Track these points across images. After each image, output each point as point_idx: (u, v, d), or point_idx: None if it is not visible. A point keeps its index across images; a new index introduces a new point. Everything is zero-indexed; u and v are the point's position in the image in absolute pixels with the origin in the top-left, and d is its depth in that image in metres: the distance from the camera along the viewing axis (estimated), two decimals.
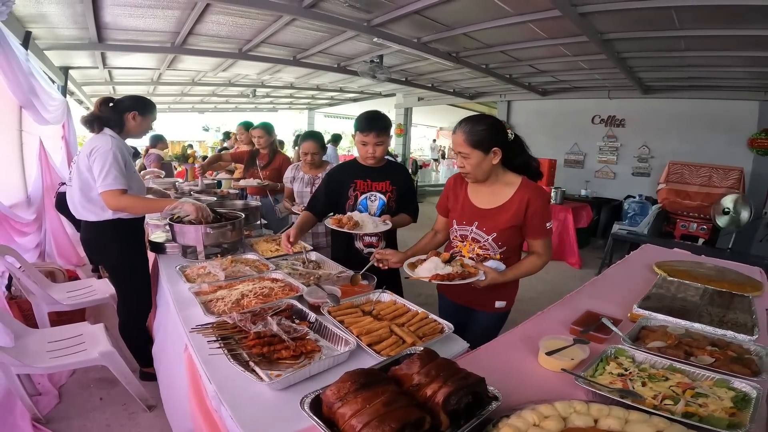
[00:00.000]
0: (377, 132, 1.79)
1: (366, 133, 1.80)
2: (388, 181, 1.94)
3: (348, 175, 1.94)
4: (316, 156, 2.58)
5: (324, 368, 0.97)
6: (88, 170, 1.84)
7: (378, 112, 1.87)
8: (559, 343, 1.07)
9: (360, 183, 1.92)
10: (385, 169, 1.95)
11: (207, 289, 1.47)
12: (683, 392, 0.90)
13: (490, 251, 1.51)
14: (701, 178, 4.93)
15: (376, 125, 1.80)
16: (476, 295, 1.54)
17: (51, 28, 3.65)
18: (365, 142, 1.82)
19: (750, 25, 3.09)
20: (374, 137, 1.79)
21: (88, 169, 1.83)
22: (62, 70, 4.98)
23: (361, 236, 1.91)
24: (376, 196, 1.92)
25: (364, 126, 1.80)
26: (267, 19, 3.73)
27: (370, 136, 1.79)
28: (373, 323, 1.15)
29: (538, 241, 1.49)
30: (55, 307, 2.31)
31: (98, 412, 1.99)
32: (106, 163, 1.78)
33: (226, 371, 0.95)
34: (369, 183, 1.92)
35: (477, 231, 1.51)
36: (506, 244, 1.50)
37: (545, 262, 1.51)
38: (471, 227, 1.52)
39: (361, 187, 1.91)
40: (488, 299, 1.58)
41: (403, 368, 0.79)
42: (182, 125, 13.95)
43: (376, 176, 1.93)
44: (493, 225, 1.48)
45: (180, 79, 6.97)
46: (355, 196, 1.91)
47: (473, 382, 0.76)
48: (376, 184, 1.92)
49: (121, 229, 1.98)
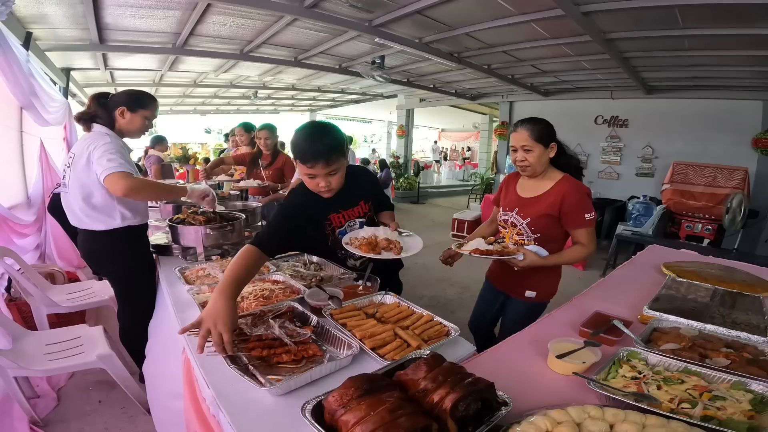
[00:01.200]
0: (326, 160, 1.28)
1: (311, 164, 1.28)
2: (361, 201, 1.56)
3: (316, 206, 1.48)
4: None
5: (326, 373, 0.94)
6: (88, 171, 1.73)
7: (323, 127, 1.35)
8: (569, 345, 1.03)
9: (335, 218, 1.53)
10: (350, 187, 1.48)
11: (206, 290, 1.45)
12: (700, 395, 0.87)
13: (525, 236, 1.65)
14: (706, 179, 4.90)
15: (323, 151, 1.27)
16: (512, 282, 1.72)
17: (52, 29, 3.65)
18: (312, 174, 1.31)
19: (754, 24, 3.06)
20: (322, 167, 1.28)
21: (88, 171, 1.73)
22: (64, 71, 4.98)
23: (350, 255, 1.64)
24: (355, 222, 1.57)
25: (306, 154, 1.27)
26: (268, 20, 3.72)
27: (317, 167, 1.28)
28: (377, 326, 1.11)
29: (579, 231, 1.61)
30: (55, 309, 2.29)
31: (97, 415, 1.96)
32: (107, 151, 1.66)
33: (225, 375, 0.92)
34: (343, 214, 1.54)
35: (515, 216, 1.69)
36: (540, 231, 1.63)
37: (590, 251, 1.63)
38: (512, 213, 1.70)
39: (337, 222, 1.55)
40: (521, 286, 1.71)
41: (408, 373, 0.75)
42: (184, 127, 13.98)
43: (347, 201, 1.53)
44: (529, 211, 1.64)
45: (181, 80, 6.98)
46: (333, 230, 1.56)
47: (482, 388, 0.73)
48: (350, 212, 1.55)
49: (130, 237, 1.90)
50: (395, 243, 1.40)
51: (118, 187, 1.63)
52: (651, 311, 1.33)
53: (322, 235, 1.58)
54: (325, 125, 1.36)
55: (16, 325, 1.97)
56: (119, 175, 1.62)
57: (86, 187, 1.76)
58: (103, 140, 1.72)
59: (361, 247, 1.37)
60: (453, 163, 15.85)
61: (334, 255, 1.74)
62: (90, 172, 1.74)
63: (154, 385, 1.70)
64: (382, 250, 1.36)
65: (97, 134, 1.78)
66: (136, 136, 1.95)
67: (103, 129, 1.81)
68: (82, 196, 1.77)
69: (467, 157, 17.35)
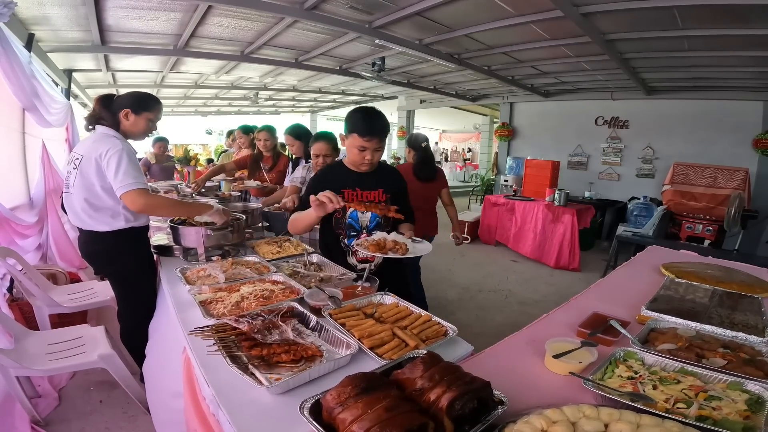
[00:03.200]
0: (381, 137, 1.55)
1: (368, 138, 1.52)
2: (380, 189, 1.68)
3: (335, 182, 1.62)
4: (328, 158, 2.32)
5: (324, 372, 0.95)
6: (96, 176, 1.73)
7: (378, 110, 1.60)
8: (566, 345, 1.04)
9: (348, 193, 1.63)
10: (376, 175, 1.69)
11: (207, 291, 1.45)
12: (696, 395, 0.87)
13: None
14: (706, 179, 4.89)
15: (380, 129, 1.55)
16: None
17: (54, 31, 3.67)
18: (364, 147, 1.55)
19: (754, 24, 3.07)
20: (377, 143, 1.55)
21: (96, 175, 1.73)
22: (66, 72, 5.01)
23: (353, 251, 1.71)
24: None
25: (366, 129, 1.53)
26: (268, 21, 3.74)
27: (373, 141, 1.54)
28: (375, 326, 1.12)
29: None
30: (56, 310, 2.30)
31: (98, 415, 1.97)
32: (121, 162, 1.68)
33: (225, 375, 0.93)
34: (359, 192, 1.64)
35: None
36: None
37: None
38: None
39: (350, 198, 1.63)
40: None
41: (405, 372, 0.76)
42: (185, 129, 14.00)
43: (368, 184, 1.66)
44: None
45: (183, 81, 7.00)
46: (343, 208, 1.62)
47: (478, 387, 0.74)
48: (367, 194, 1.65)
49: (133, 238, 1.91)
50: (402, 245, 1.47)
51: (137, 205, 1.70)
52: (649, 312, 1.34)
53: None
54: (380, 111, 1.60)
55: (18, 325, 1.99)
56: (137, 192, 1.69)
57: (92, 188, 1.77)
58: (114, 147, 1.72)
59: (370, 247, 1.47)
60: (454, 165, 15.86)
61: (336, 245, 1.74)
62: (99, 175, 1.75)
63: (154, 384, 1.71)
64: (389, 251, 1.45)
65: (105, 137, 1.79)
66: (140, 138, 1.97)
67: (109, 131, 1.82)
68: (86, 198, 1.78)
69: (468, 159, 17.35)
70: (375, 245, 1.47)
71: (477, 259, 5.43)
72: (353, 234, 1.72)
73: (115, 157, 1.70)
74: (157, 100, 1.97)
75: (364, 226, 1.71)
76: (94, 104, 1.86)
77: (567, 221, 5.08)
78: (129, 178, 1.68)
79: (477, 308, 3.72)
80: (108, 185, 1.76)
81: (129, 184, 1.68)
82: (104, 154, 1.71)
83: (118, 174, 1.68)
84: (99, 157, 1.72)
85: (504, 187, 6.98)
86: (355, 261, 1.74)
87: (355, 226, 1.72)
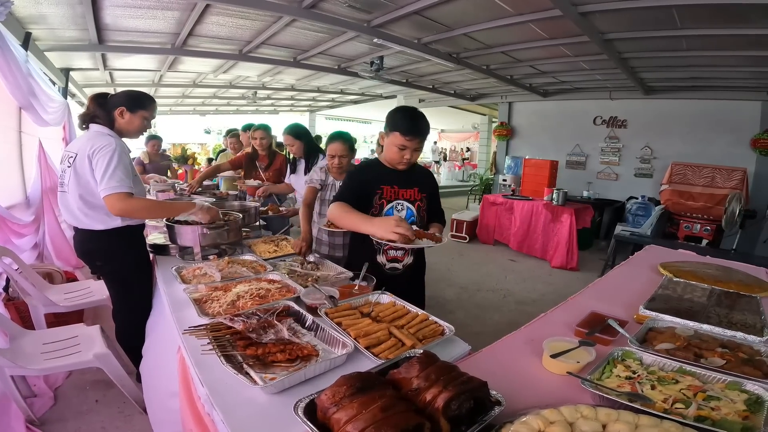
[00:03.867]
0: (421, 138, 1.55)
1: (410, 137, 1.52)
2: (416, 188, 1.69)
3: (373, 179, 1.65)
4: (344, 159, 2.21)
5: (320, 371, 0.94)
6: (91, 174, 1.72)
7: (421, 111, 1.59)
8: (563, 345, 1.03)
9: (387, 190, 1.65)
10: (412, 174, 1.70)
11: (202, 290, 1.44)
12: (694, 395, 0.87)
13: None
14: (704, 179, 4.90)
15: (422, 130, 1.55)
16: None
17: (51, 29, 3.65)
18: (404, 145, 1.54)
19: (752, 24, 3.07)
20: (417, 143, 1.55)
21: (90, 173, 1.72)
22: (63, 71, 4.99)
23: (385, 249, 1.67)
24: (403, 205, 1.67)
25: (409, 128, 1.52)
26: (267, 20, 3.73)
27: (414, 141, 1.53)
28: (372, 325, 1.11)
29: None
30: (52, 309, 2.29)
31: (93, 414, 1.96)
32: (110, 162, 1.67)
33: (219, 374, 0.92)
34: (396, 190, 1.66)
35: None
36: None
37: None
38: None
39: (387, 195, 1.65)
40: None
41: (401, 372, 0.75)
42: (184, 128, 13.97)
43: (404, 182, 1.67)
44: None
45: (181, 81, 6.98)
46: (381, 204, 1.65)
47: (475, 387, 0.73)
48: (403, 192, 1.67)
49: (129, 237, 1.90)
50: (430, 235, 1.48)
51: (115, 209, 1.69)
52: (647, 311, 1.33)
53: (368, 204, 1.63)
54: (421, 112, 1.59)
55: (13, 324, 1.97)
56: (117, 197, 1.66)
57: (87, 186, 1.76)
58: (107, 146, 1.71)
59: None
60: (452, 164, 15.85)
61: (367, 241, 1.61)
62: (93, 173, 1.73)
63: (150, 384, 1.70)
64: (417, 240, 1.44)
65: (99, 135, 1.78)
66: (135, 136, 1.97)
67: (103, 129, 1.81)
68: (81, 196, 1.77)
69: (466, 158, 17.35)
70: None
71: (475, 258, 5.43)
72: None
73: (106, 156, 1.68)
74: (151, 98, 1.96)
75: None
76: (88, 103, 1.85)
77: (566, 221, 5.08)
78: (114, 180, 1.66)
79: (475, 307, 3.72)
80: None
81: (112, 187, 1.65)
82: (96, 151, 1.70)
83: (105, 175, 1.66)
84: (92, 153, 1.71)
85: (502, 187, 6.98)
86: (384, 260, 1.70)
87: None
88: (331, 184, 2.27)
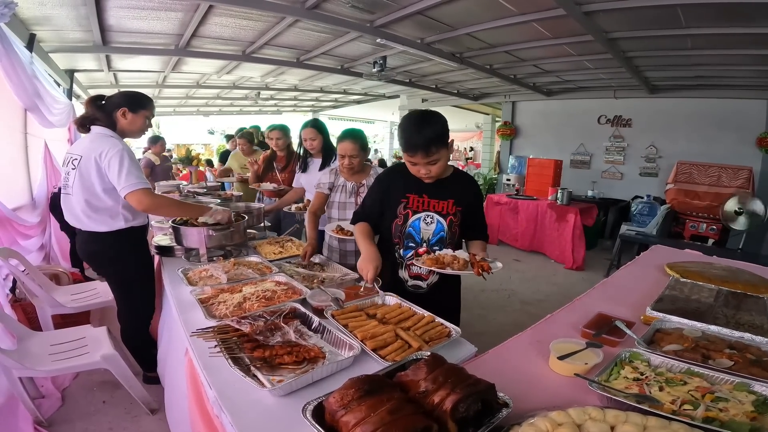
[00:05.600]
0: (425, 151, 1.33)
1: (410, 153, 1.36)
2: (451, 199, 1.48)
3: (400, 185, 1.50)
4: (355, 159, 2.04)
5: (327, 374, 0.94)
6: (97, 176, 1.74)
7: (425, 116, 1.37)
8: (570, 346, 1.03)
9: (413, 199, 1.48)
10: (448, 183, 1.49)
11: (209, 292, 1.45)
12: (702, 396, 0.86)
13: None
14: (710, 178, 4.86)
15: (421, 143, 1.33)
16: None
17: (56, 31, 3.67)
18: (413, 162, 1.39)
19: (757, 23, 3.04)
20: (422, 157, 1.35)
21: (97, 175, 1.74)
22: (68, 73, 5.02)
23: (407, 264, 1.54)
24: (433, 218, 1.49)
25: (406, 144, 1.36)
26: (270, 21, 3.73)
27: (416, 156, 1.36)
28: (378, 327, 1.11)
29: None
30: (59, 310, 2.31)
31: (101, 415, 1.97)
32: (123, 162, 1.69)
33: (227, 376, 0.92)
34: (425, 200, 1.48)
35: None
36: None
37: None
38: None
39: (414, 205, 1.48)
40: None
41: (409, 374, 0.76)
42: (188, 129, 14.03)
43: (436, 192, 1.48)
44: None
45: (184, 81, 7.00)
46: (406, 214, 1.49)
47: (483, 389, 0.73)
48: (434, 203, 1.48)
49: (132, 238, 1.92)
50: (460, 259, 1.35)
51: (143, 204, 1.72)
52: (654, 312, 1.33)
53: (392, 214, 1.52)
54: (428, 115, 1.37)
55: (21, 325, 1.99)
56: (143, 192, 1.70)
57: (92, 189, 1.77)
58: (113, 147, 1.73)
59: (427, 261, 1.36)
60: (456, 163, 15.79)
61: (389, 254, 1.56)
62: (99, 176, 1.75)
63: (168, 384, 1.70)
64: (447, 266, 1.32)
65: (102, 137, 1.79)
66: (137, 136, 1.99)
67: (106, 131, 1.82)
68: (87, 199, 1.78)
69: (470, 158, 17.31)
70: (433, 259, 1.35)
71: None
72: (411, 246, 1.52)
73: (117, 157, 1.70)
74: (149, 97, 1.99)
75: (426, 239, 1.50)
76: (85, 106, 1.86)
77: (570, 220, 5.06)
78: (133, 177, 1.70)
79: (479, 308, 3.71)
80: (109, 186, 1.77)
81: (133, 184, 1.69)
82: (104, 154, 1.72)
83: (122, 174, 1.69)
84: (99, 157, 1.72)
85: (506, 186, 6.95)
86: (406, 275, 1.55)
87: (414, 237, 1.52)
88: (341, 185, 2.14)
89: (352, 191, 2.11)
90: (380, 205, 1.55)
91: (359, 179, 2.12)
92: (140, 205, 1.73)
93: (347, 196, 2.11)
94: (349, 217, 2.06)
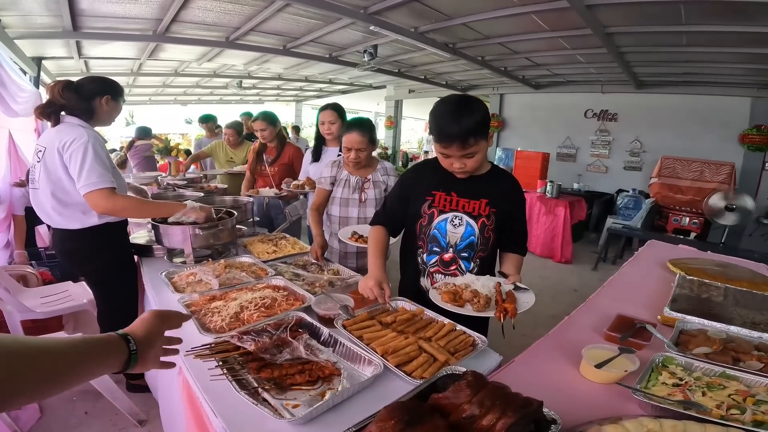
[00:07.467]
0: (462, 141, 1.16)
1: (445, 144, 1.19)
2: (485, 199, 1.30)
3: (426, 182, 1.34)
4: (362, 153, 1.85)
5: (347, 396, 0.84)
6: (63, 169, 1.56)
7: (463, 101, 1.18)
8: (604, 353, 0.97)
9: (440, 197, 1.31)
10: (483, 180, 1.31)
11: (198, 299, 1.29)
12: (744, 400, 0.83)
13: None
14: (693, 173, 4.96)
15: (459, 132, 1.15)
16: None
17: (23, 16, 3.37)
18: (444, 154, 1.22)
19: (754, 21, 3.07)
20: (458, 149, 1.17)
21: (63, 168, 1.56)
22: (35, 60, 4.65)
23: (430, 272, 1.38)
24: (462, 220, 1.30)
25: (440, 133, 1.19)
26: (258, 5, 3.53)
27: (452, 147, 1.18)
28: (398, 339, 1.01)
29: None
30: (29, 315, 2.12)
31: (84, 428, 1.83)
32: (86, 157, 1.51)
33: (232, 401, 0.81)
34: (453, 199, 1.30)
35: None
36: None
37: None
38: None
39: (440, 203, 1.31)
40: None
41: (449, 396, 0.67)
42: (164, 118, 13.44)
43: (467, 190, 1.30)
44: None
45: (162, 69, 6.65)
46: (431, 214, 1.32)
47: (534, 409, 0.66)
48: (464, 202, 1.30)
49: (110, 235, 1.74)
50: (482, 296, 1.15)
51: (99, 208, 1.56)
52: (672, 312, 1.29)
53: (417, 213, 1.35)
54: (468, 100, 1.18)
55: None
56: (100, 193, 1.53)
57: (59, 182, 1.59)
58: (78, 138, 1.54)
59: (443, 295, 1.17)
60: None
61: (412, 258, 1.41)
62: (64, 168, 1.57)
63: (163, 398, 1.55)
64: (466, 303, 1.14)
65: (69, 126, 1.60)
66: (109, 123, 1.82)
67: (74, 120, 1.62)
68: (53, 193, 1.60)
69: None
70: (449, 293, 1.16)
71: None
72: (435, 250, 1.35)
73: (80, 150, 1.52)
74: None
75: (453, 243, 1.32)
76: (56, 92, 1.61)
77: (560, 213, 5.08)
78: (93, 176, 1.51)
79: None
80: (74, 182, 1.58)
81: (92, 183, 1.51)
82: (67, 145, 1.53)
83: (82, 171, 1.51)
84: (61, 148, 1.54)
85: None
86: (428, 284, 1.37)
87: (440, 241, 1.34)
88: (344, 179, 1.95)
89: (357, 186, 1.94)
90: (403, 204, 1.38)
91: (365, 174, 1.95)
92: (97, 207, 1.55)
93: (350, 191, 1.95)
94: (352, 215, 1.96)
